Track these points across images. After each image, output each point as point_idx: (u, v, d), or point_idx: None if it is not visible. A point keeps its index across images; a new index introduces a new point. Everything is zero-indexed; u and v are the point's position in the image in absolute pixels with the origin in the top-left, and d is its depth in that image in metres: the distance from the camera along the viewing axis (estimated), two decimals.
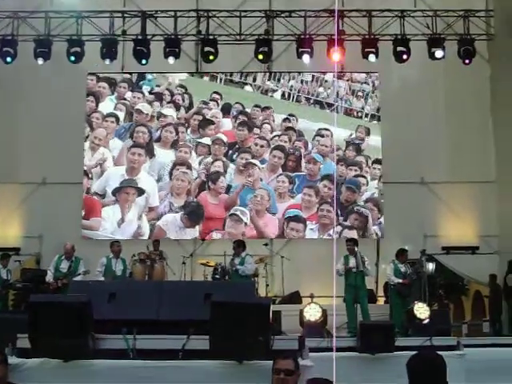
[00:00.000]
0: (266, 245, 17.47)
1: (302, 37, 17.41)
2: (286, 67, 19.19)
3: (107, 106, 13.25)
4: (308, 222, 13.73)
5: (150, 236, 14.66)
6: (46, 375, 8.38)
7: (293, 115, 13.34)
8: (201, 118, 13.64)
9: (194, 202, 13.84)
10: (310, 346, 9.00)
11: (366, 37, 17.39)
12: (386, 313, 15.42)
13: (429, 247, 17.16)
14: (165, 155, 12.59)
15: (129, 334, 8.70)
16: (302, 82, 13.80)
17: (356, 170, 13.85)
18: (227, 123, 13.21)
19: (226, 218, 13.53)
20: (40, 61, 17.26)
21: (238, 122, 13.36)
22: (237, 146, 13.40)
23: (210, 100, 13.56)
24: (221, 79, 13.44)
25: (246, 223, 13.54)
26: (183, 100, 13.62)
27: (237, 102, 13.28)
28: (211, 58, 17.25)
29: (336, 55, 16.98)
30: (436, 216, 18.52)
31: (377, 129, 14.06)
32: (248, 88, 13.83)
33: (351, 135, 13.92)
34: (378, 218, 14.76)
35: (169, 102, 13.33)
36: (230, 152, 13.38)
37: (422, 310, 12.96)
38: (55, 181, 18.61)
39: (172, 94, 13.88)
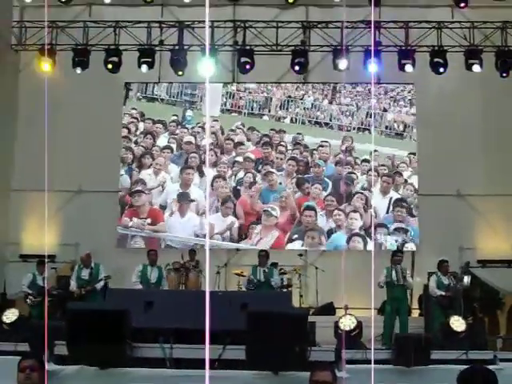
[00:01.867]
0: (300, 255, 17.46)
1: (339, 48, 17.41)
2: (321, 78, 19.21)
3: (162, 141, 16.90)
4: (318, 209, 16.56)
5: (197, 234, 16.98)
6: (82, 382, 8.45)
7: (300, 133, 16.97)
8: (231, 142, 16.87)
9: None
10: (345, 358, 8.97)
11: (403, 48, 17.34)
12: (420, 325, 15.33)
13: (464, 260, 17.03)
14: (208, 173, 16.54)
15: (166, 343, 8.75)
16: (304, 109, 17.36)
17: (349, 168, 16.71)
18: (251, 145, 16.89)
19: (261, 214, 16.48)
20: (78, 70, 17.44)
21: (262, 142, 16.87)
22: (261, 161, 16.74)
23: (237, 128, 16.90)
24: (244, 113, 17.21)
25: (276, 216, 16.41)
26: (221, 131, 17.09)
27: (255, 129, 17.02)
28: (248, 68, 17.33)
29: (373, 66, 16.95)
30: (472, 229, 18.37)
31: (362, 137, 17.09)
32: (265, 117, 17.36)
33: (343, 143, 17.09)
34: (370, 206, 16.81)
35: (212, 133, 16.92)
36: (257, 166, 16.87)
37: (457, 323, 12.79)
38: (91, 189, 18.76)
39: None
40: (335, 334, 12.94)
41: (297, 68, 17.25)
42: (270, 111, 17.21)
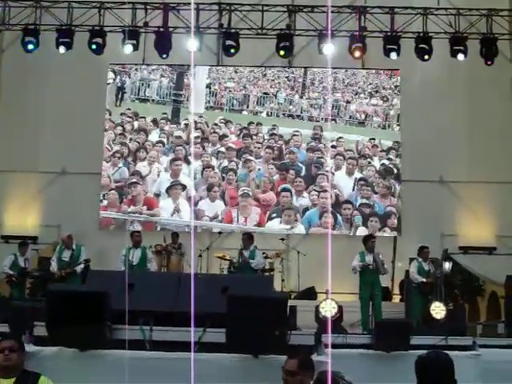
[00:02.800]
0: (282, 239, 17.50)
1: (324, 32, 17.36)
2: (306, 62, 19.20)
3: (154, 136, 18.60)
4: (293, 190, 18.22)
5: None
6: (61, 364, 8.43)
7: (275, 125, 18.63)
8: (216, 135, 18.67)
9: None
10: (325, 342, 9.01)
11: (388, 34, 17.32)
12: (401, 311, 15.39)
13: (446, 246, 17.12)
14: (195, 163, 18.14)
15: (145, 325, 8.74)
16: (278, 103, 19.06)
17: (319, 154, 18.36)
18: (233, 137, 18.64)
19: (238, 196, 18.13)
20: (62, 49, 17.23)
21: (242, 134, 18.59)
22: (242, 150, 18.42)
23: (220, 123, 18.68)
24: (226, 109, 18.94)
25: (250, 196, 18.12)
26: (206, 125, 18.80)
27: (235, 123, 18.82)
28: (232, 51, 17.27)
29: (357, 51, 16.95)
30: (454, 215, 18.46)
31: (329, 127, 18.58)
32: (244, 112, 19.10)
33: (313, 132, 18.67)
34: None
35: (196, 129, 18.56)
36: (238, 154, 18.50)
37: (438, 310, 12.88)
38: (74, 171, 18.70)
39: (196, 123, 18.82)
40: (316, 319, 13.00)
41: (282, 52, 17.23)
42: (248, 107, 18.90)
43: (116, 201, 18.41)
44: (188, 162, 18.33)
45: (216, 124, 18.47)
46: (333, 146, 18.04)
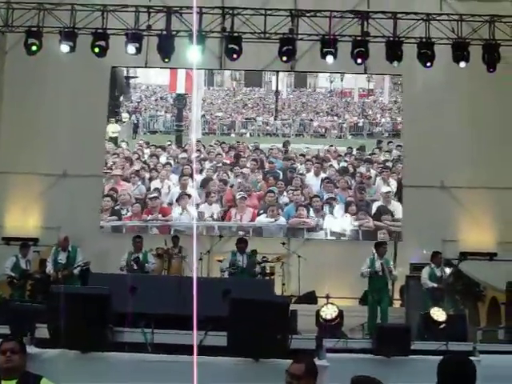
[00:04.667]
0: (283, 244, 17.53)
1: (327, 37, 17.39)
2: (309, 67, 19.23)
3: (163, 159, 20.92)
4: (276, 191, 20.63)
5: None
6: (63, 366, 8.44)
7: (257, 142, 21.19)
8: (213, 154, 21.25)
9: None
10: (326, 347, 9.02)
11: (391, 39, 17.34)
12: (401, 316, 15.42)
13: (447, 252, 17.11)
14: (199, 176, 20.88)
15: (147, 328, 8.75)
16: (258, 126, 21.79)
17: (291, 162, 20.98)
18: (224, 154, 21.27)
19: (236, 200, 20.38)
20: (65, 49, 17.20)
21: (231, 152, 21.21)
22: (233, 164, 20.92)
23: (214, 144, 21.40)
24: (218, 133, 21.81)
25: (246, 198, 20.33)
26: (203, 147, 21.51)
27: (225, 143, 21.52)
28: (235, 55, 17.31)
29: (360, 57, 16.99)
30: (455, 221, 18.48)
31: (298, 140, 21.47)
32: (232, 135, 21.80)
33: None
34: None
35: (197, 151, 21.54)
36: (231, 167, 21.01)
37: (438, 314, 12.88)
38: (76, 173, 18.73)
39: (196, 145, 22.08)
40: (317, 323, 13.01)
41: (284, 58, 17.30)
42: (235, 130, 21.86)
43: (139, 212, 20.11)
44: (192, 177, 20.89)
45: (211, 145, 21.25)
46: (302, 155, 20.90)
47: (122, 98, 21.25)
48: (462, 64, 16.88)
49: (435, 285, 14.64)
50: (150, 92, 22.11)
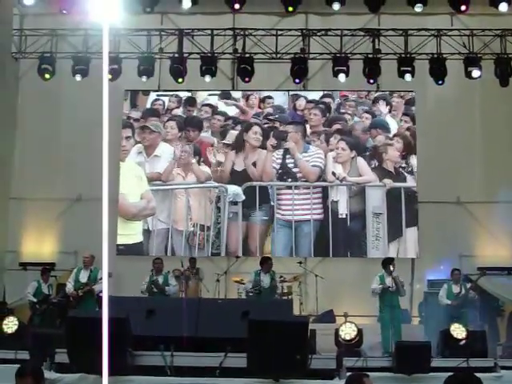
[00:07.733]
0: (300, 263, 17.48)
1: (338, 55, 17.45)
2: (321, 86, 19.24)
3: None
4: None
5: None
6: None
7: None
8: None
9: None
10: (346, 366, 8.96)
11: (402, 56, 17.38)
12: (420, 333, 15.32)
13: (464, 267, 17.01)
14: None
15: (166, 351, 8.72)
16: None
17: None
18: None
19: None
20: (78, 77, 17.45)
21: None
22: None
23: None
24: None
25: None
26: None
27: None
28: (247, 78, 17.40)
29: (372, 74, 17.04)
30: (472, 236, 18.37)
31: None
32: None
33: None
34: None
35: None
36: None
37: (458, 331, 12.75)
38: (90, 197, 18.75)
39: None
40: (336, 342, 12.92)
41: (297, 80, 17.42)
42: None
43: None
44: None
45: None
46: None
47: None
48: (476, 73, 16.89)
49: (449, 302, 14.59)
50: None
